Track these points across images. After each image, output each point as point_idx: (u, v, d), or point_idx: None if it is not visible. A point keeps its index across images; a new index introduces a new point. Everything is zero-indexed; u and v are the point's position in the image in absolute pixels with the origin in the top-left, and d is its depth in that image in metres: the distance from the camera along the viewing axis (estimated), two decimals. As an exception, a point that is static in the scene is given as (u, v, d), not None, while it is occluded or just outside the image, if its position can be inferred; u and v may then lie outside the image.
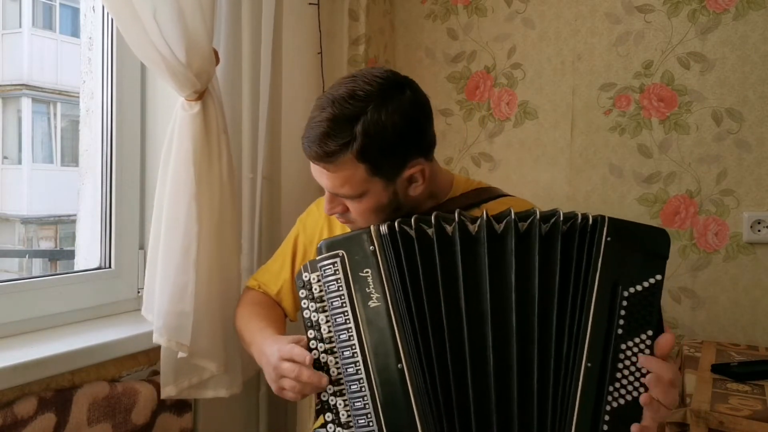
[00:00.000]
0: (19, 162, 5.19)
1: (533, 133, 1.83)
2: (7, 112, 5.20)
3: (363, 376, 0.83)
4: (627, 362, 0.80)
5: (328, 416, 0.87)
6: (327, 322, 0.87)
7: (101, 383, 1.08)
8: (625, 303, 0.81)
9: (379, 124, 0.89)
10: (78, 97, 1.31)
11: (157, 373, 1.20)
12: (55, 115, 5.29)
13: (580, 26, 1.76)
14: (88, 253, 1.30)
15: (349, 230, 1.09)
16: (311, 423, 1.26)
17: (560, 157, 1.79)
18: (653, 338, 0.80)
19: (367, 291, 0.85)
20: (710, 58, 1.60)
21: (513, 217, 0.84)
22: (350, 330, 0.84)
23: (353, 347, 0.84)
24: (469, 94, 1.92)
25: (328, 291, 0.86)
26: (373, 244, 0.85)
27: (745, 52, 1.56)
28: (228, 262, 1.22)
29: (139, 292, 1.32)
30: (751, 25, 1.55)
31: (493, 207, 1.05)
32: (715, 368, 1.29)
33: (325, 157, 0.91)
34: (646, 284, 0.81)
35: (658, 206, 1.67)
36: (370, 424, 0.83)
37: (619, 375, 0.80)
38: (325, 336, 0.87)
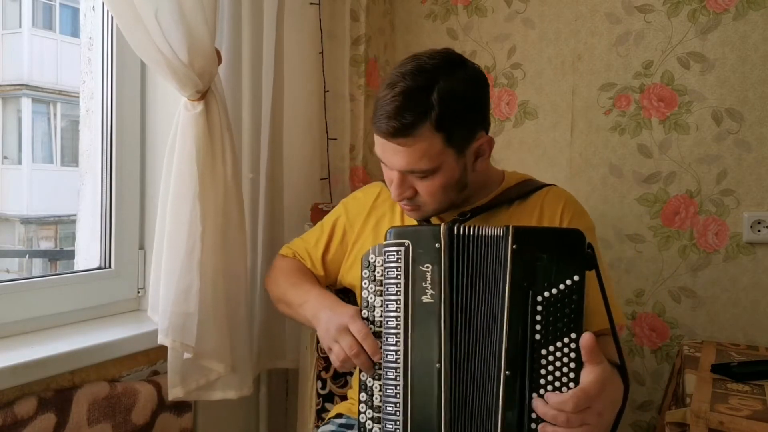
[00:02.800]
0: (19, 162, 5.19)
1: (533, 133, 1.83)
2: (7, 112, 5.20)
3: (400, 366, 0.85)
4: (550, 368, 0.79)
5: (363, 396, 0.88)
6: (381, 306, 0.88)
7: (101, 383, 1.08)
8: (539, 308, 0.80)
9: (453, 91, 0.91)
10: (78, 97, 1.31)
11: (157, 373, 1.20)
12: (55, 115, 5.29)
13: (580, 26, 1.76)
14: (88, 253, 1.30)
15: (401, 222, 1.09)
16: (311, 423, 1.26)
17: (560, 157, 1.79)
18: (578, 341, 0.77)
19: (423, 286, 0.85)
20: (710, 58, 1.60)
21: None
22: (398, 319, 0.85)
23: (398, 335, 0.85)
24: (469, 94, 1.92)
25: (386, 276, 0.87)
26: (440, 242, 0.85)
27: (745, 52, 1.56)
28: (234, 261, 1.21)
29: (139, 292, 1.32)
30: (751, 25, 1.56)
31: (543, 195, 1.07)
32: (715, 368, 1.29)
33: (404, 130, 0.90)
34: (561, 287, 0.79)
35: (658, 206, 1.67)
36: (397, 413, 0.84)
37: (543, 381, 0.79)
38: (376, 319, 0.88)
